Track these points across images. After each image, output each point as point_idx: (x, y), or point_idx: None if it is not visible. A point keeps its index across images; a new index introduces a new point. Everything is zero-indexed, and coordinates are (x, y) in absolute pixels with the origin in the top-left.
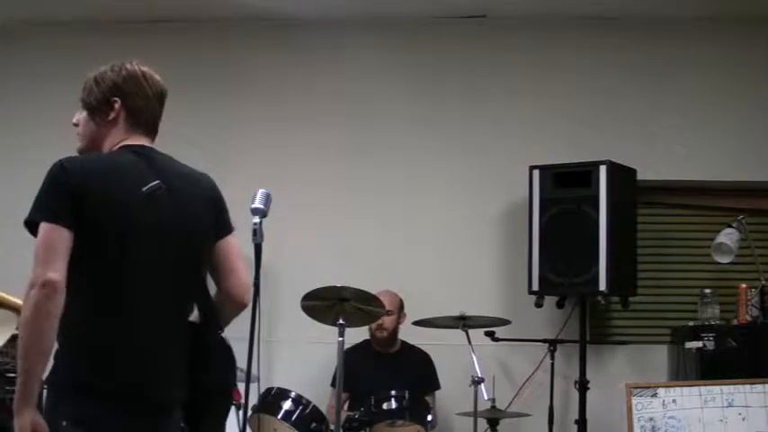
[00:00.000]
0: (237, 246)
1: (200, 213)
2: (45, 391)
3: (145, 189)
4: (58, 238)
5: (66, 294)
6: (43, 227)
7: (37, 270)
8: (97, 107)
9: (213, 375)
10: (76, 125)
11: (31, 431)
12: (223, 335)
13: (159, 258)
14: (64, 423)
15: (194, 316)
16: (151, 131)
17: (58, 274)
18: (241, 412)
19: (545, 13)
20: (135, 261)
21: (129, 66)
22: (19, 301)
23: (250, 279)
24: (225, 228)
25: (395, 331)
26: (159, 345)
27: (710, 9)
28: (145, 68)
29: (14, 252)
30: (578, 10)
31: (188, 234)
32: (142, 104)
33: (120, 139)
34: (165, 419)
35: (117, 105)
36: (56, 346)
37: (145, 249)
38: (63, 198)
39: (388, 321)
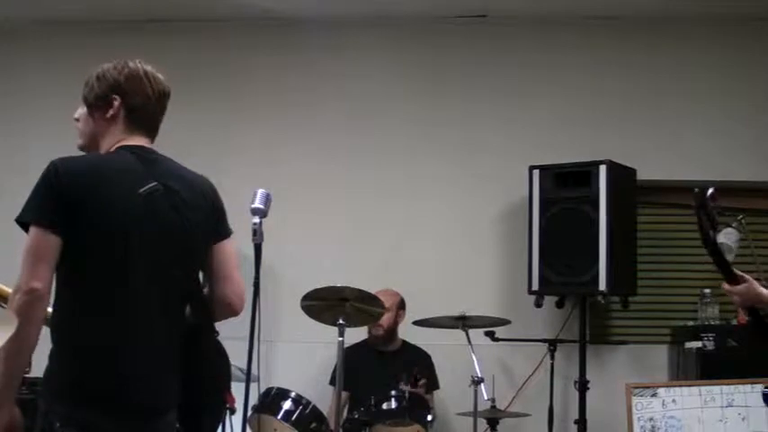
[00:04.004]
0: (234, 252)
1: (197, 216)
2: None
3: (142, 190)
4: (46, 244)
5: (60, 294)
6: (32, 231)
7: (23, 277)
8: (96, 104)
9: (207, 376)
10: (77, 120)
11: (9, 426)
12: (217, 337)
13: (155, 260)
14: (58, 424)
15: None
16: (151, 132)
17: (41, 282)
18: (234, 415)
19: (545, 12)
20: (131, 262)
21: (131, 64)
22: None
23: (245, 283)
24: (222, 232)
25: (391, 329)
26: (154, 346)
27: (711, 9)
28: (148, 68)
29: (15, 251)
30: (578, 10)
31: (185, 236)
32: (142, 104)
33: (118, 138)
34: (159, 421)
35: (116, 103)
36: (50, 346)
37: (141, 251)
38: (54, 201)
39: (383, 319)
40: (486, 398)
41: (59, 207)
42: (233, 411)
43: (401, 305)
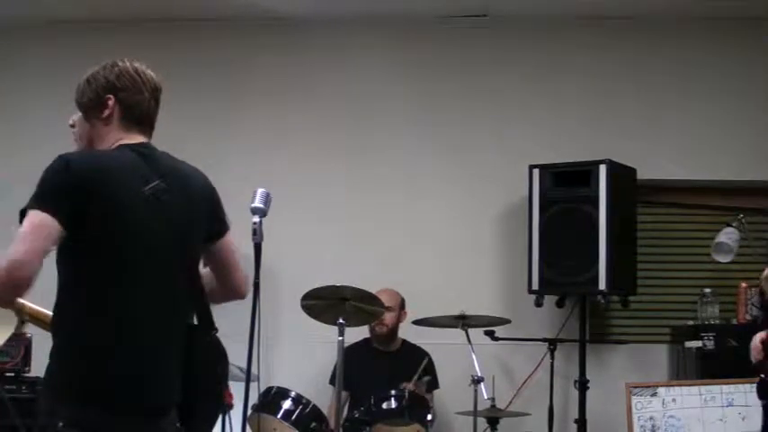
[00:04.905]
0: (233, 244)
1: (198, 213)
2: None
3: (146, 189)
4: (44, 224)
5: (63, 292)
6: (34, 214)
7: (16, 248)
8: (91, 106)
9: (206, 375)
10: (73, 126)
11: None
12: (217, 335)
13: (159, 259)
14: (61, 424)
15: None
16: (147, 128)
17: (34, 256)
18: (233, 412)
19: (545, 12)
20: (134, 261)
21: (120, 63)
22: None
23: (248, 276)
24: (223, 226)
25: (394, 328)
26: (157, 345)
27: (710, 9)
28: (137, 64)
29: None
30: (579, 10)
31: (186, 235)
32: (136, 100)
33: (117, 137)
34: (161, 420)
35: (111, 102)
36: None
37: (144, 250)
38: (61, 192)
39: (387, 318)
40: (485, 397)
41: (69, 200)
42: (230, 408)
43: (402, 305)
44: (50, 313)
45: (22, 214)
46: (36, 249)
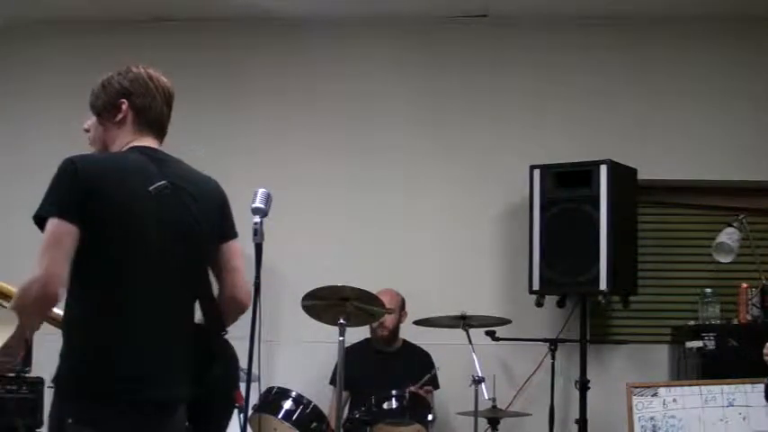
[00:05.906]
0: (240, 251)
1: (205, 215)
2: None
3: (151, 188)
4: (68, 235)
5: (70, 293)
6: (54, 223)
7: (44, 262)
8: (105, 110)
9: (215, 375)
10: (87, 131)
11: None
12: (226, 336)
13: (163, 258)
14: (69, 421)
15: (198, 317)
16: (159, 133)
17: (59, 268)
18: (242, 413)
19: (546, 12)
20: (139, 260)
21: (134, 68)
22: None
23: (250, 281)
24: (229, 232)
25: (396, 329)
26: (162, 344)
27: (710, 8)
28: (151, 71)
29: (14, 252)
30: (579, 10)
31: (193, 235)
32: (149, 105)
33: (128, 140)
34: (169, 418)
35: (124, 106)
36: (61, 344)
37: (150, 249)
38: (72, 195)
39: (389, 320)
40: (486, 397)
41: (78, 201)
42: (241, 410)
43: (403, 305)
44: (61, 312)
45: (36, 219)
46: (59, 262)
